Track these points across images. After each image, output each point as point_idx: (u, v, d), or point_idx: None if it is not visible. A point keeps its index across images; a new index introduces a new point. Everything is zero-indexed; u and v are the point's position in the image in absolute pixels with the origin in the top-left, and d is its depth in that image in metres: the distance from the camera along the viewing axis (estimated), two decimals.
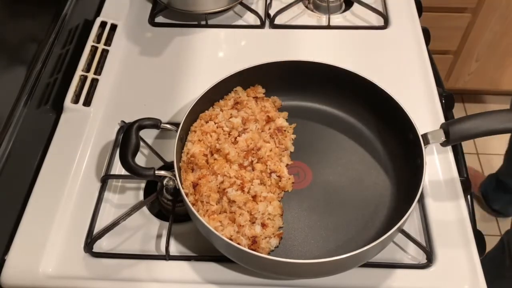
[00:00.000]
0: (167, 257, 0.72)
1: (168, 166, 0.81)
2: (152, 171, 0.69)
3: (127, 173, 0.70)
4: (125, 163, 0.69)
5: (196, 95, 0.77)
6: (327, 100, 0.85)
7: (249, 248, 0.65)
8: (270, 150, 0.76)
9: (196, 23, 1.05)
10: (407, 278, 0.71)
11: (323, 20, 1.06)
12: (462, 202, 0.77)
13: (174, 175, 0.69)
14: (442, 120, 0.87)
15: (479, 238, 0.75)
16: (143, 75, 0.96)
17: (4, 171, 0.74)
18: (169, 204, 0.76)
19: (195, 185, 0.70)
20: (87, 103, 0.89)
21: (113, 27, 1.01)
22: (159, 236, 0.76)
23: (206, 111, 0.80)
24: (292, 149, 0.80)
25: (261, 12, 1.05)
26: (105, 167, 0.82)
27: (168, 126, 0.75)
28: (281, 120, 0.81)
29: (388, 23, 1.03)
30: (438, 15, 1.63)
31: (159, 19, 1.06)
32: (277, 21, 1.04)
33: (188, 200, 0.68)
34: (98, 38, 0.98)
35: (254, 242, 0.66)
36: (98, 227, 0.75)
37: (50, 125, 0.87)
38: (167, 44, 1.01)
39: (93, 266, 0.72)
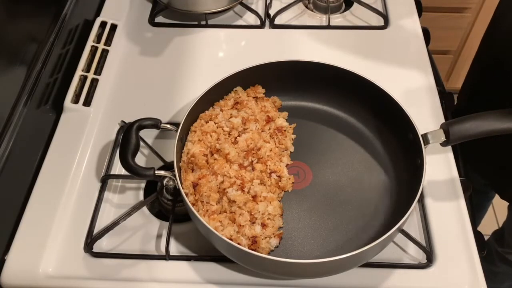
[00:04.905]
0: (167, 257, 0.72)
1: (168, 166, 0.81)
2: (152, 171, 0.69)
3: (127, 173, 0.70)
4: (125, 163, 0.69)
5: (196, 95, 0.77)
6: (327, 100, 0.85)
7: (249, 248, 0.65)
8: (270, 150, 0.76)
9: (196, 23, 1.05)
10: (407, 278, 0.71)
11: (323, 20, 1.06)
12: (462, 202, 0.77)
13: (174, 175, 0.69)
14: (442, 120, 0.87)
15: (479, 238, 0.75)
16: (143, 75, 0.96)
17: (4, 171, 0.74)
18: (169, 204, 0.76)
19: (195, 185, 0.70)
20: (87, 103, 0.89)
21: (113, 27, 1.01)
22: (159, 236, 0.76)
23: (206, 111, 0.80)
24: (292, 149, 0.80)
25: (261, 12, 1.05)
26: (105, 167, 0.82)
27: (168, 126, 0.75)
28: (281, 120, 0.81)
29: (388, 23, 1.03)
30: (438, 15, 1.63)
31: (159, 19, 1.06)
32: (277, 21, 1.04)
33: (188, 200, 0.67)
34: (98, 38, 0.98)
35: (254, 242, 0.66)
36: (98, 227, 0.75)
37: (50, 125, 0.87)
38: (167, 44, 1.01)
39: (93, 266, 0.72)
